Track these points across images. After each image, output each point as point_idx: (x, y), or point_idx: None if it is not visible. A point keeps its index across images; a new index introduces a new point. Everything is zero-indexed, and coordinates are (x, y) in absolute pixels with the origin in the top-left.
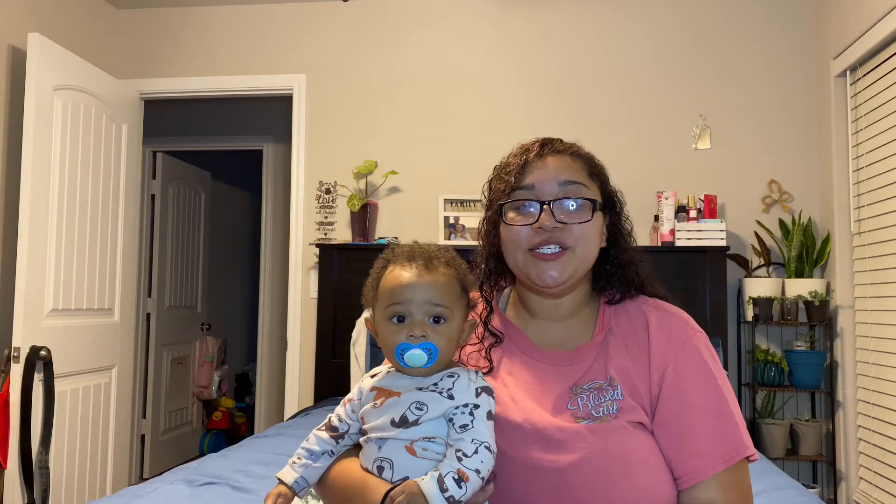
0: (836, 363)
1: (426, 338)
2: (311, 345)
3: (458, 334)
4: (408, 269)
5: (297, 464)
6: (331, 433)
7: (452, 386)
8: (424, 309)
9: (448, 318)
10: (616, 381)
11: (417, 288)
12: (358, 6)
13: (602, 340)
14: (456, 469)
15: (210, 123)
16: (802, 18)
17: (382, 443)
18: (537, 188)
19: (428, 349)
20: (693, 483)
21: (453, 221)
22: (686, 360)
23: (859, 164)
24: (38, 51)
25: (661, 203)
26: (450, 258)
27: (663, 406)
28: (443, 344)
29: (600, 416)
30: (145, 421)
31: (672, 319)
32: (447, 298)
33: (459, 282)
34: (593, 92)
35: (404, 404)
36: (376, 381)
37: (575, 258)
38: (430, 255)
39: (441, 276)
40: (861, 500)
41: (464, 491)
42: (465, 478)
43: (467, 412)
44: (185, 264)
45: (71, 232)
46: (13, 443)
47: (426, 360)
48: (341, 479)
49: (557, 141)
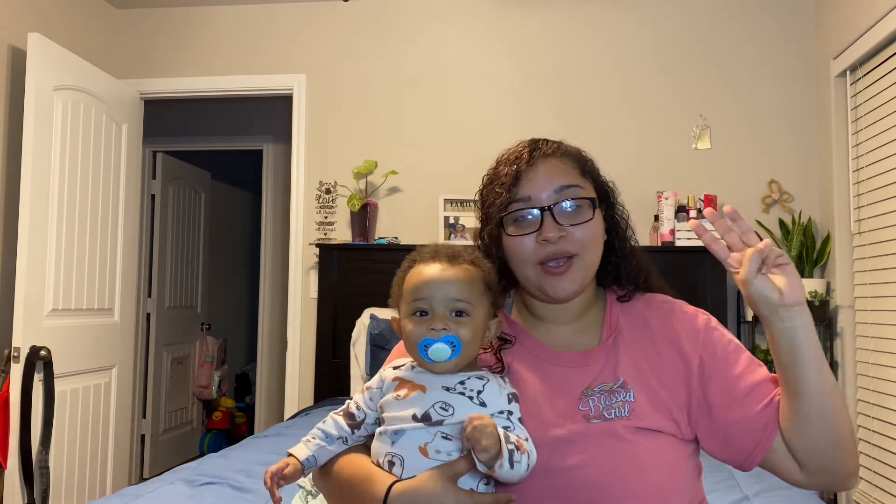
0: (836, 363)
1: (448, 331)
2: (311, 345)
3: (482, 330)
4: (431, 266)
5: (312, 443)
6: (348, 420)
7: (483, 389)
8: (446, 303)
9: (470, 313)
10: (628, 384)
11: (439, 283)
12: (358, 6)
13: (611, 343)
14: (514, 439)
15: (210, 123)
16: (802, 18)
17: (397, 437)
18: (534, 198)
19: (451, 342)
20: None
21: (453, 221)
22: (714, 342)
23: (859, 164)
24: (38, 51)
25: (661, 203)
26: (475, 257)
27: (714, 387)
28: (466, 337)
29: (612, 417)
30: (145, 421)
31: (686, 311)
32: (469, 293)
33: (483, 279)
34: (593, 92)
35: (429, 401)
36: (399, 372)
37: (583, 265)
38: (455, 253)
39: (463, 271)
40: (861, 500)
41: (519, 459)
42: (523, 449)
43: (504, 417)
44: (185, 264)
45: (71, 232)
46: (13, 443)
47: (450, 354)
48: (348, 469)
49: (543, 143)
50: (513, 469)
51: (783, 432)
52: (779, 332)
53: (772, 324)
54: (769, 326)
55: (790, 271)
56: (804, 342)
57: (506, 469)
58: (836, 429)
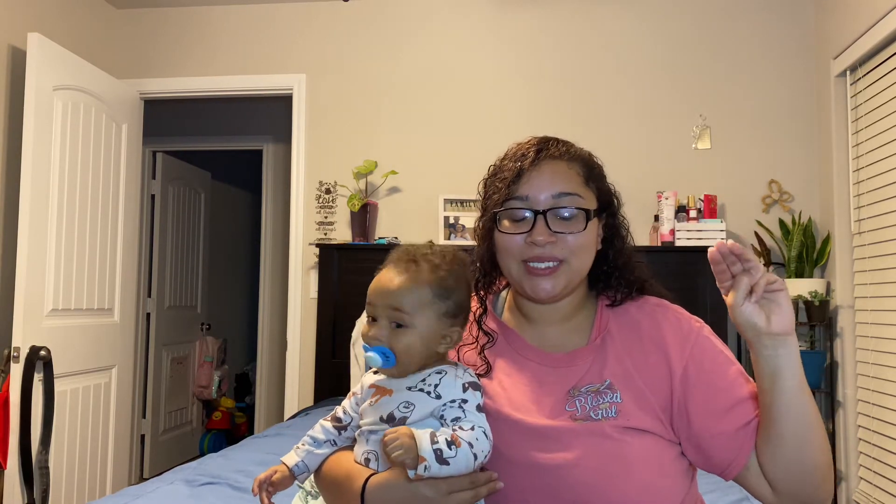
0: (836, 363)
1: (381, 342)
2: (311, 345)
3: (425, 342)
4: (386, 271)
5: (301, 449)
6: (335, 424)
7: (439, 382)
8: (387, 313)
9: (409, 324)
10: (615, 385)
11: (382, 292)
12: (358, 6)
13: (599, 344)
14: (450, 434)
15: (210, 123)
16: (802, 18)
17: (371, 436)
18: (531, 199)
19: (384, 353)
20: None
21: (453, 221)
22: (703, 352)
23: (859, 164)
24: (38, 51)
25: (661, 203)
26: (437, 263)
27: (695, 397)
28: (401, 350)
29: (598, 418)
30: (145, 421)
31: (680, 317)
32: (410, 304)
33: (433, 288)
34: (593, 92)
35: (394, 403)
36: (376, 377)
37: (569, 270)
38: (416, 257)
39: (409, 281)
40: (861, 501)
41: (453, 454)
42: (458, 443)
43: (456, 406)
44: (185, 264)
45: (71, 232)
46: (13, 443)
47: (381, 363)
48: (333, 469)
49: (553, 144)
50: (449, 465)
51: (758, 453)
52: (762, 358)
53: (756, 349)
54: (753, 351)
55: (782, 298)
56: (786, 371)
57: (436, 468)
58: (810, 458)
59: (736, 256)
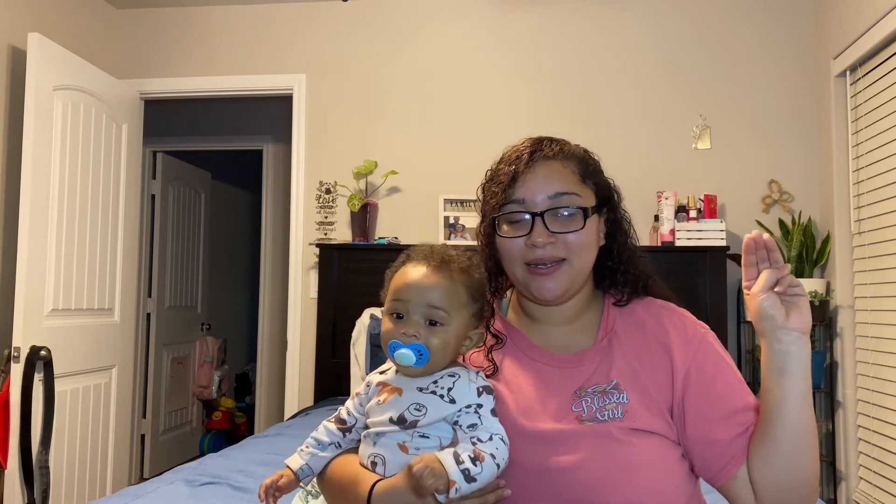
0: (835, 363)
1: (417, 338)
2: (311, 345)
3: (457, 342)
4: (417, 268)
5: (305, 452)
6: (339, 425)
7: (453, 386)
8: (422, 310)
9: (445, 323)
10: (622, 385)
11: (419, 288)
12: (358, 6)
13: (606, 344)
14: (472, 449)
15: (210, 123)
16: (802, 18)
17: (378, 439)
18: (528, 202)
19: (418, 350)
20: (739, 467)
21: (453, 221)
22: (705, 356)
23: (859, 164)
24: (38, 51)
25: (661, 203)
26: (468, 265)
27: (694, 401)
28: (436, 347)
29: (605, 419)
30: (145, 421)
31: (685, 320)
32: (447, 303)
33: (468, 289)
34: (593, 92)
35: (404, 404)
36: (384, 376)
37: (571, 269)
38: (447, 258)
39: (447, 279)
40: (861, 500)
41: (479, 469)
42: (482, 458)
43: (472, 411)
44: (185, 264)
45: (71, 232)
46: (13, 443)
47: (415, 361)
48: (337, 472)
49: (547, 144)
50: (476, 482)
51: (750, 457)
52: (773, 352)
53: (768, 342)
54: (765, 344)
55: (802, 302)
56: (794, 368)
57: (466, 488)
58: (802, 467)
59: (767, 250)
